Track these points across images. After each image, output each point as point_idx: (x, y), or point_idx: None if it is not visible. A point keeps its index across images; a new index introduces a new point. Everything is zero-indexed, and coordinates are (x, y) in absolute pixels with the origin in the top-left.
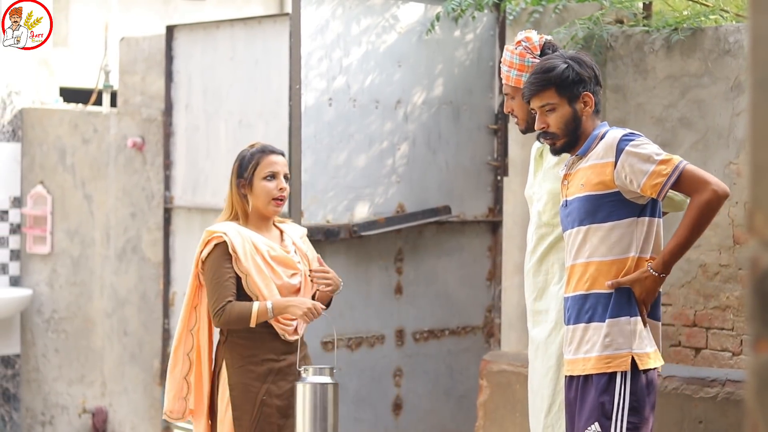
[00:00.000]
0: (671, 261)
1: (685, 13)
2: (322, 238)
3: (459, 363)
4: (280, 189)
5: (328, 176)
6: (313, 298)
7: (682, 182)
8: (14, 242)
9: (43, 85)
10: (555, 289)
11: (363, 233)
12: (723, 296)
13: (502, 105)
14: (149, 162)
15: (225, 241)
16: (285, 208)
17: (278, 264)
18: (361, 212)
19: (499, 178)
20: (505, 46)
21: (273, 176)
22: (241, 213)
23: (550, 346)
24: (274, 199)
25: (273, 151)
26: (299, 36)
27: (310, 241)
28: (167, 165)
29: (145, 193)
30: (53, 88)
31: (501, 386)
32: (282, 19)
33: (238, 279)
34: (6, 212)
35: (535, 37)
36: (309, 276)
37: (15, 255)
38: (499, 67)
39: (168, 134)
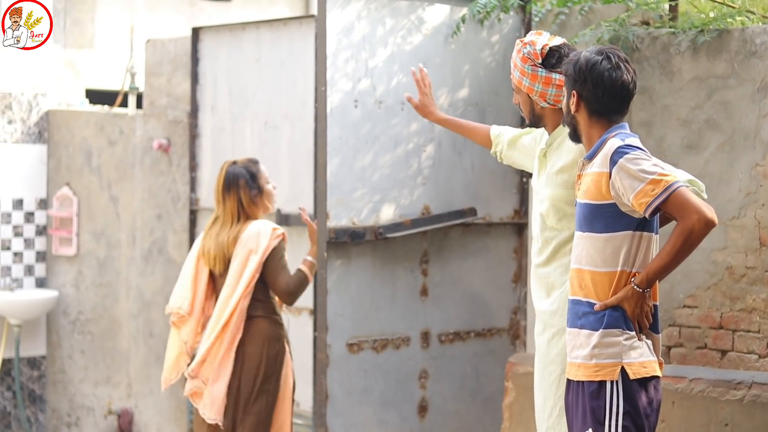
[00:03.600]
0: (654, 279)
1: (711, 14)
2: (348, 239)
3: (485, 365)
4: (274, 188)
5: (354, 178)
6: None
7: (670, 204)
8: (40, 244)
9: (69, 86)
10: (557, 293)
11: (389, 235)
12: (749, 298)
13: None
14: (175, 164)
15: (285, 236)
16: (310, 209)
17: None
18: (387, 214)
19: (524, 179)
20: (517, 41)
21: (267, 180)
22: (250, 216)
23: (552, 350)
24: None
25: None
26: (325, 38)
27: (336, 243)
28: (193, 167)
29: (171, 195)
30: (79, 89)
31: (527, 388)
32: (307, 21)
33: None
34: (32, 214)
35: (540, 43)
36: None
37: (41, 257)
38: None
39: (194, 136)
